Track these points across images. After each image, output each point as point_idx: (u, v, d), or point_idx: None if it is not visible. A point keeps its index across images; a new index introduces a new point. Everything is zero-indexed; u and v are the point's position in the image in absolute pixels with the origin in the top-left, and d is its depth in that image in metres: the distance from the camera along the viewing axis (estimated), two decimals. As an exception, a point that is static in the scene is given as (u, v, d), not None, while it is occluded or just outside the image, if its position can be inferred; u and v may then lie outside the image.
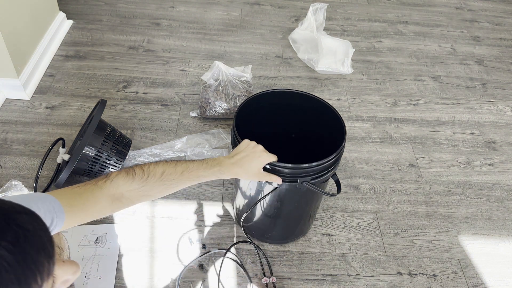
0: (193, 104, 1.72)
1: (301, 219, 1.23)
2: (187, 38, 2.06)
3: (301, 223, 1.25)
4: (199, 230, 1.30)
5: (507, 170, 1.58)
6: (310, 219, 1.27)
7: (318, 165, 0.98)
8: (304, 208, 1.20)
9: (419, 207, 1.43)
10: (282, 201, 1.12)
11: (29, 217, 0.41)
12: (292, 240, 1.29)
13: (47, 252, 0.40)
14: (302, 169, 0.97)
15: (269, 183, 1.00)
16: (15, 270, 0.36)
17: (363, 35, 2.20)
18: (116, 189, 0.77)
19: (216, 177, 0.89)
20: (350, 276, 1.23)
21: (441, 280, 1.25)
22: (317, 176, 1.00)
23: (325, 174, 1.02)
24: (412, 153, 1.61)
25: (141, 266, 1.21)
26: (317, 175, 1.00)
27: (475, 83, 1.97)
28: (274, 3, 2.37)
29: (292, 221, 1.22)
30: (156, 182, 0.81)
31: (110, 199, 0.76)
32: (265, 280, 1.17)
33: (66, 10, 2.07)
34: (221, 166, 0.88)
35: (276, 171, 0.97)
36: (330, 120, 1.11)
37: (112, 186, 0.76)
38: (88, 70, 1.82)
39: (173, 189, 0.85)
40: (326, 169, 1.01)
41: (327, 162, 0.98)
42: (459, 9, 2.49)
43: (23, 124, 1.57)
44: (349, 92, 1.85)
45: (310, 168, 0.98)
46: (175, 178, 0.83)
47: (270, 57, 2.00)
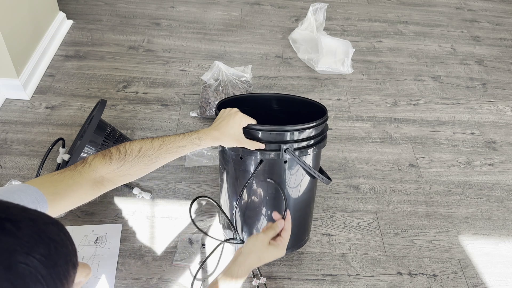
0: (193, 104, 1.72)
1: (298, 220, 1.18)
2: (187, 38, 2.06)
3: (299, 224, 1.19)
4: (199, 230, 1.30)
5: (507, 170, 1.58)
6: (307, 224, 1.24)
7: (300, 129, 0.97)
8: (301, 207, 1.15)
9: (419, 207, 1.43)
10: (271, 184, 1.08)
11: (56, 228, 0.42)
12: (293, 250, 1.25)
13: (73, 262, 0.42)
14: (283, 131, 0.96)
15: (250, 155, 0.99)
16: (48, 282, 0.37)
17: (363, 35, 2.20)
18: (95, 172, 0.76)
19: (197, 146, 0.88)
20: (350, 276, 1.23)
21: (441, 280, 1.25)
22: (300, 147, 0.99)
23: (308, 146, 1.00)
24: (412, 153, 1.61)
25: (141, 266, 1.21)
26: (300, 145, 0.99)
27: (475, 83, 1.97)
28: (274, 3, 2.37)
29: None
30: (135, 160, 0.80)
31: (91, 183, 0.75)
32: (255, 282, 1.15)
33: (66, 10, 2.07)
34: (199, 133, 0.88)
35: (257, 138, 0.97)
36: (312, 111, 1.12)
37: (90, 169, 0.75)
38: (88, 70, 1.82)
39: (154, 165, 0.84)
40: (310, 138, 1.00)
41: (309, 128, 0.98)
42: (459, 9, 2.49)
43: (23, 124, 1.57)
44: (349, 92, 1.85)
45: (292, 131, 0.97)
46: (153, 153, 0.82)
47: (270, 57, 2.00)
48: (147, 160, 0.82)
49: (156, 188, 1.40)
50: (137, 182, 1.41)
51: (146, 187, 1.40)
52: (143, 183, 1.41)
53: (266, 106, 1.19)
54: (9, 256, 0.36)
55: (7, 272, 0.35)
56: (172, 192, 1.40)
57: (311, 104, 1.14)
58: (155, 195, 1.38)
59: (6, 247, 0.36)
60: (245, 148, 0.97)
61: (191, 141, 0.87)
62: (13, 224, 0.38)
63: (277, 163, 1.02)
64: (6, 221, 0.38)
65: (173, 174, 1.45)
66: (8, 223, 0.37)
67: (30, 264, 0.37)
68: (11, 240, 0.37)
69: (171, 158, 0.86)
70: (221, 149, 1.09)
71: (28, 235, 0.38)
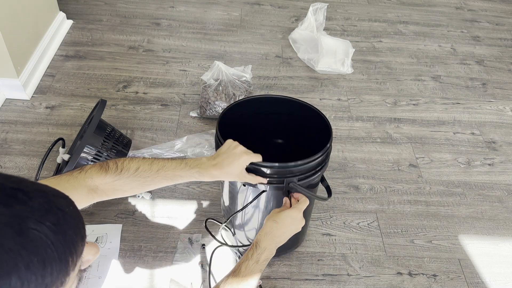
0: (193, 104, 1.72)
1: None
2: (187, 38, 2.06)
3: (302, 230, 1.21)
4: (199, 230, 1.30)
5: (507, 170, 1.58)
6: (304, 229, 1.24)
7: (304, 164, 0.95)
8: None
9: (419, 207, 1.43)
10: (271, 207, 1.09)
11: (66, 201, 0.44)
12: (285, 253, 1.26)
13: (81, 233, 0.44)
14: (287, 168, 0.95)
15: (253, 186, 0.98)
16: (57, 248, 0.40)
17: (363, 35, 2.20)
18: (91, 180, 0.77)
19: (195, 179, 0.87)
20: (350, 276, 1.23)
21: (441, 280, 1.25)
22: (304, 176, 0.97)
23: (312, 175, 0.99)
24: (412, 153, 1.61)
25: (141, 266, 1.21)
26: (304, 175, 0.97)
27: (475, 83, 1.97)
28: (274, 3, 2.37)
29: None
30: (129, 178, 0.81)
31: (86, 189, 0.77)
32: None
33: (66, 10, 2.08)
34: (200, 168, 0.86)
35: (260, 172, 0.95)
36: (317, 123, 1.09)
37: (86, 176, 0.77)
38: (88, 70, 1.82)
39: (149, 187, 0.85)
40: (313, 168, 0.99)
41: (313, 160, 0.96)
42: (459, 9, 2.49)
43: (23, 124, 1.57)
44: (349, 92, 1.85)
45: (296, 167, 0.95)
46: (149, 176, 0.83)
47: (270, 57, 2.00)
48: (142, 181, 0.83)
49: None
50: (137, 182, 1.41)
51: (146, 187, 1.40)
52: (143, 183, 1.41)
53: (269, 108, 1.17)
54: (21, 222, 0.38)
55: (19, 237, 0.37)
56: (172, 192, 1.40)
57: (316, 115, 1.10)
58: (155, 195, 1.38)
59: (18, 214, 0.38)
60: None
61: (191, 174, 0.86)
62: (25, 194, 0.40)
63: (278, 192, 1.02)
64: (18, 191, 0.40)
65: (173, 174, 1.44)
66: (20, 193, 0.40)
67: (41, 230, 0.39)
68: (23, 208, 0.39)
69: (167, 184, 0.87)
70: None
71: (39, 204, 0.40)
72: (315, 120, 1.10)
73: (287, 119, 1.18)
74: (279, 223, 0.91)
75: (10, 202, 0.39)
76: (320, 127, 1.08)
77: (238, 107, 1.10)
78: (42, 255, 0.38)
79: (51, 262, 0.39)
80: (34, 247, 0.38)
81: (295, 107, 1.14)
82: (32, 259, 0.38)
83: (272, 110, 1.17)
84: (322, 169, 1.03)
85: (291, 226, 0.92)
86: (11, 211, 0.38)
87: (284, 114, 1.17)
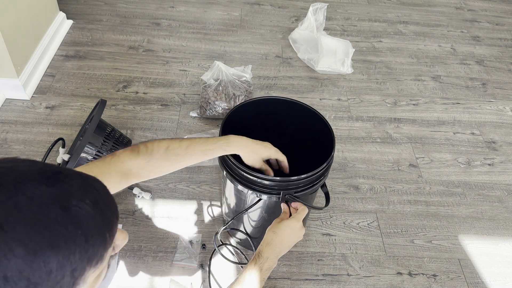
0: (193, 104, 1.72)
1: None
2: (187, 38, 2.06)
3: None
4: (199, 230, 1.30)
5: (507, 170, 1.58)
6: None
7: (302, 179, 0.95)
8: None
9: (419, 207, 1.43)
10: (268, 213, 1.09)
11: (100, 184, 0.48)
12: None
13: (116, 214, 0.48)
14: (286, 182, 0.96)
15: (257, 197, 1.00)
16: (97, 223, 0.44)
17: (363, 35, 2.20)
18: (122, 165, 0.79)
19: (224, 151, 0.91)
20: (350, 276, 1.23)
21: (441, 280, 1.25)
22: (302, 189, 0.98)
23: (311, 187, 0.99)
24: (412, 153, 1.61)
25: (141, 266, 1.21)
26: (302, 188, 0.98)
27: (475, 83, 1.97)
28: (274, 3, 2.37)
29: None
30: (161, 158, 0.83)
31: (119, 175, 0.78)
32: None
33: (66, 10, 2.07)
34: (228, 139, 0.91)
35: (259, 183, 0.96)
36: (320, 129, 1.09)
37: (118, 162, 0.79)
38: (88, 70, 1.82)
39: (180, 164, 0.88)
40: (312, 182, 0.99)
41: (312, 175, 0.96)
42: (459, 9, 2.49)
43: (23, 124, 1.57)
44: (349, 92, 1.85)
45: (294, 182, 0.96)
46: (180, 153, 0.85)
47: (270, 57, 2.00)
48: (173, 160, 0.85)
49: (156, 188, 1.40)
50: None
51: (146, 187, 1.40)
52: (143, 183, 1.41)
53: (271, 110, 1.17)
54: (65, 200, 0.42)
55: (65, 212, 0.41)
56: (172, 192, 1.40)
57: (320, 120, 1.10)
58: (155, 195, 1.38)
59: (61, 193, 0.42)
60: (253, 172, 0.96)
61: (220, 146, 0.90)
62: (65, 176, 0.44)
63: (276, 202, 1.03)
64: (59, 174, 0.44)
65: (173, 174, 1.45)
66: (61, 175, 0.44)
67: (82, 207, 0.43)
68: (65, 188, 0.43)
69: (198, 160, 0.89)
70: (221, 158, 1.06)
71: (78, 185, 0.45)
72: (318, 124, 1.10)
73: (289, 121, 1.18)
74: (278, 234, 0.92)
75: (53, 182, 0.43)
76: (322, 129, 1.08)
77: (242, 109, 1.11)
78: (85, 229, 0.42)
79: (93, 236, 0.43)
80: (78, 222, 0.42)
81: (298, 110, 1.14)
82: (77, 232, 0.41)
83: (275, 112, 1.17)
84: (322, 180, 1.02)
85: (291, 236, 0.93)
86: (54, 191, 0.42)
87: (287, 116, 1.17)
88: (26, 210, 0.40)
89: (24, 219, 0.39)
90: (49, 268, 0.39)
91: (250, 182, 0.98)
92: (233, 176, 1.00)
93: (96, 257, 0.44)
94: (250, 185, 0.98)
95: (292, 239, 0.94)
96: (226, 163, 1.01)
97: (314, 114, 1.11)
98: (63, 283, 0.41)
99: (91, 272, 0.44)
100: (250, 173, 0.95)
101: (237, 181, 0.99)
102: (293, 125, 1.18)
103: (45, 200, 0.41)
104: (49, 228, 0.40)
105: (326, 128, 1.07)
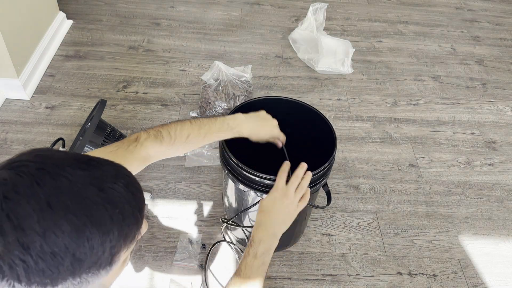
0: (193, 104, 1.72)
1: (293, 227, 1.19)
2: (187, 38, 2.06)
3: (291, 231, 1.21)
4: (199, 230, 1.30)
5: (507, 170, 1.58)
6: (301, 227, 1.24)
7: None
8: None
9: (419, 207, 1.43)
10: None
11: (127, 170, 0.51)
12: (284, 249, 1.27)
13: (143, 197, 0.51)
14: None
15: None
16: (131, 204, 0.47)
17: (363, 35, 2.20)
18: (145, 152, 0.81)
19: (233, 136, 0.95)
20: (350, 276, 1.23)
21: (441, 280, 1.25)
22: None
23: (313, 186, 0.99)
24: (412, 153, 1.61)
25: (141, 266, 1.21)
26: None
27: (475, 83, 1.97)
28: (274, 3, 2.37)
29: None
30: (181, 145, 0.87)
31: (141, 160, 0.81)
32: None
33: (66, 10, 2.07)
34: (241, 128, 0.94)
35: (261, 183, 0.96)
36: (322, 129, 1.09)
37: (142, 149, 0.81)
38: (88, 70, 1.82)
39: (193, 148, 0.92)
40: (314, 181, 0.99)
41: (315, 174, 0.96)
42: (459, 9, 2.49)
43: (23, 124, 1.57)
44: (349, 92, 1.85)
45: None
46: (197, 141, 0.89)
47: (270, 57, 2.00)
48: (191, 146, 0.90)
49: (156, 188, 1.40)
50: (137, 182, 1.41)
51: (146, 187, 1.40)
52: (143, 183, 1.41)
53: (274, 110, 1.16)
54: (100, 182, 0.45)
55: (102, 192, 0.45)
56: (172, 192, 1.40)
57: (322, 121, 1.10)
58: (155, 195, 1.38)
59: (96, 175, 0.46)
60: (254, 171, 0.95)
61: (232, 134, 0.94)
62: (97, 162, 0.48)
63: None
64: (91, 160, 0.48)
65: (173, 174, 1.45)
66: (93, 161, 0.48)
67: (117, 189, 0.46)
68: (99, 172, 0.47)
69: (209, 143, 0.94)
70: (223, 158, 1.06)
71: (110, 169, 0.48)
72: (319, 124, 1.09)
73: (290, 121, 1.17)
74: (264, 212, 0.89)
75: (87, 167, 0.46)
76: (323, 129, 1.08)
77: (243, 109, 1.10)
78: (121, 208, 0.46)
79: (128, 215, 0.46)
80: (114, 202, 0.45)
81: (298, 109, 1.13)
82: (114, 211, 0.45)
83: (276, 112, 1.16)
84: (323, 180, 1.02)
85: (278, 209, 0.89)
86: (90, 173, 0.45)
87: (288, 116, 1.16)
88: (69, 190, 0.43)
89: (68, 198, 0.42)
90: (91, 244, 0.42)
91: (252, 182, 0.98)
92: (234, 175, 1.00)
93: (130, 236, 0.47)
94: (252, 184, 0.98)
95: (281, 212, 0.89)
96: (228, 162, 1.01)
97: (315, 114, 1.11)
98: (102, 260, 0.44)
99: (124, 251, 0.48)
100: (252, 173, 0.95)
101: (239, 181, 0.99)
102: (294, 125, 1.17)
103: (84, 182, 0.44)
104: (91, 207, 0.43)
105: (327, 127, 1.07)
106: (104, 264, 0.45)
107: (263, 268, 0.84)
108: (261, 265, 0.84)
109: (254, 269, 0.83)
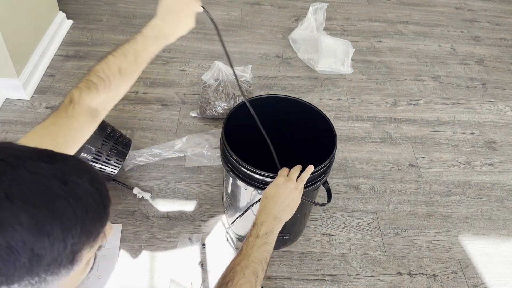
0: (193, 104, 1.72)
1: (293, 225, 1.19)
2: (187, 38, 2.06)
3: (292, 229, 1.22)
4: (199, 230, 1.30)
5: (507, 170, 1.58)
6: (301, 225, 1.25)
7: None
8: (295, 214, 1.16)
9: (419, 207, 1.43)
10: None
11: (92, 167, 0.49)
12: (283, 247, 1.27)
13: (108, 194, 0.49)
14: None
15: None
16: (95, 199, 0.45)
17: (363, 35, 2.20)
18: (87, 108, 0.75)
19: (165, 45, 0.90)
20: (350, 276, 1.23)
21: (441, 280, 1.25)
22: (306, 185, 0.97)
23: (312, 184, 0.99)
24: (412, 153, 1.61)
25: (141, 266, 1.21)
26: (306, 184, 0.97)
27: (475, 83, 1.97)
28: (274, 3, 2.37)
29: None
30: (119, 82, 0.82)
31: (88, 119, 0.76)
32: None
33: (66, 10, 2.07)
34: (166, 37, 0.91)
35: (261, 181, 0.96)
36: (322, 128, 1.09)
37: (82, 108, 0.74)
38: (88, 70, 1.82)
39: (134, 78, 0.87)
40: (314, 179, 0.99)
41: (315, 172, 0.96)
42: (459, 9, 2.49)
43: (23, 124, 1.57)
44: (349, 92, 1.85)
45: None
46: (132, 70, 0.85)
47: (270, 57, 2.00)
48: (128, 78, 0.85)
49: (156, 188, 1.40)
50: (137, 182, 1.41)
51: (146, 187, 1.40)
52: (143, 183, 1.41)
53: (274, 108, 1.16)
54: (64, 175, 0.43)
55: (65, 186, 0.43)
56: (172, 192, 1.40)
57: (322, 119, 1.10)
58: (155, 195, 1.38)
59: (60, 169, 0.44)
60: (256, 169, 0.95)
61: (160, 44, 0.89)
62: (62, 156, 0.46)
63: None
64: (56, 154, 0.46)
65: (173, 174, 1.45)
66: (58, 155, 0.46)
67: (81, 183, 0.44)
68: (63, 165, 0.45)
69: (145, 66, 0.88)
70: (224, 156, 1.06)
71: (75, 164, 0.46)
72: (319, 122, 1.10)
73: (291, 120, 1.18)
74: (266, 197, 0.90)
75: (51, 160, 0.44)
76: (323, 127, 1.08)
77: (243, 109, 1.10)
78: (84, 203, 0.44)
79: (92, 211, 0.44)
80: (78, 196, 0.43)
81: (299, 108, 1.14)
82: (77, 205, 0.43)
83: (276, 111, 1.16)
84: (323, 178, 1.02)
85: (279, 193, 0.90)
86: (53, 167, 0.43)
87: (288, 114, 1.17)
88: (30, 182, 0.41)
89: (29, 190, 0.40)
90: (52, 239, 0.40)
91: (252, 180, 0.97)
92: (235, 173, 1.00)
93: (94, 233, 0.45)
94: (253, 182, 0.98)
95: (284, 195, 0.90)
96: (229, 160, 1.01)
97: (315, 112, 1.11)
98: (63, 257, 0.42)
99: (88, 250, 0.45)
100: (253, 171, 0.95)
101: (239, 179, 0.99)
102: (294, 123, 1.18)
103: (46, 175, 0.42)
104: (53, 200, 0.41)
105: (327, 126, 1.07)
106: (65, 262, 0.42)
107: (265, 248, 0.82)
108: (263, 244, 0.82)
109: (256, 247, 0.82)
